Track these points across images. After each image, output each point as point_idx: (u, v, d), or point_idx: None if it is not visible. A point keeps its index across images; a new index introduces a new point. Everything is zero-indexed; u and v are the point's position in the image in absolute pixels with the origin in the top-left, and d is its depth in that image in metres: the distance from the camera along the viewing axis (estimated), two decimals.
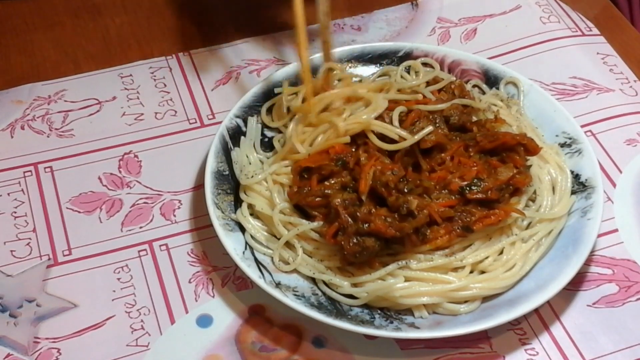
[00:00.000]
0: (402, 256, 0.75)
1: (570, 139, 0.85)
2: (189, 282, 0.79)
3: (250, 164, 0.84)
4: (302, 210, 0.79)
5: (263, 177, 0.81)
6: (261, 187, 0.81)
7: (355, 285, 0.75)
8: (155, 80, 0.96)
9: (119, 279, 0.79)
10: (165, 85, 0.96)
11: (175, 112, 0.93)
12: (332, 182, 0.78)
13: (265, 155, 0.86)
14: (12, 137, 0.90)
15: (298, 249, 0.77)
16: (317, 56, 0.89)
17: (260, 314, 0.77)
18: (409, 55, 0.93)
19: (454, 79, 0.90)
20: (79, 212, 0.84)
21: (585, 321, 0.76)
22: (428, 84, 0.88)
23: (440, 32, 1.02)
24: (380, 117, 0.81)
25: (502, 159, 0.80)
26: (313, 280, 0.77)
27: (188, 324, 0.76)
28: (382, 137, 0.79)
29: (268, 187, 0.81)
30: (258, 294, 0.76)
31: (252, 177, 0.81)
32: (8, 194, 0.85)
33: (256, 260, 0.77)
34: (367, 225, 0.73)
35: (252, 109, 0.88)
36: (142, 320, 0.76)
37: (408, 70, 0.92)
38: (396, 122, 0.81)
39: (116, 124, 0.92)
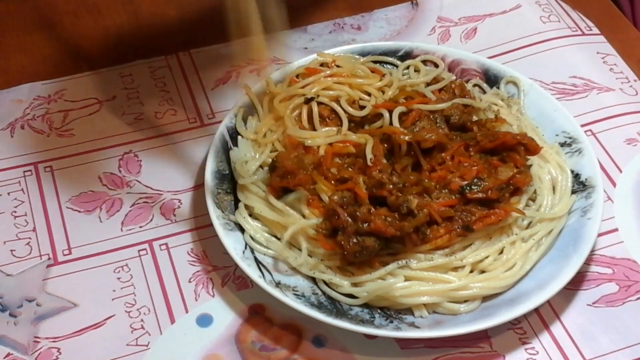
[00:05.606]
0: (402, 255, 0.75)
1: (570, 138, 0.85)
2: (189, 281, 0.79)
3: (248, 163, 0.84)
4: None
5: (260, 178, 0.81)
6: (258, 188, 0.80)
7: (355, 284, 0.75)
8: (155, 79, 0.96)
9: (119, 278, 0.79)
10: (165, 85, 0.96)
11: (175, 111, 0.93)
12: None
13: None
14: (12, 136, 0.90)
15: (303, 247, 0.76)
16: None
17: (260, 313, 0.77)
18: (409, 55, 0.93)
19: (454, 78, 0.90)
20: (79, 211, 0.84)
21: (585, 320, 0.76)
22: (428, 84, 0.89)
23: (440, 31, 1.02)
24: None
25: (502, 159, 0.80)
26: (313, 279, 0.76)
27: (188, 324, 0.76)
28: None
29: (266, 189, 0.80)
30: (258, 293, 0.76)
31: (250, 177, 0.81)
32: (8, 194, 0.85)
33: (256, 259, 0.76)
34: (366, 224, 0.73)
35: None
36: (142, 320, 0.76)
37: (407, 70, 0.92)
38: (396, 123, 0.81)
39: (116, 124, 0.92)
